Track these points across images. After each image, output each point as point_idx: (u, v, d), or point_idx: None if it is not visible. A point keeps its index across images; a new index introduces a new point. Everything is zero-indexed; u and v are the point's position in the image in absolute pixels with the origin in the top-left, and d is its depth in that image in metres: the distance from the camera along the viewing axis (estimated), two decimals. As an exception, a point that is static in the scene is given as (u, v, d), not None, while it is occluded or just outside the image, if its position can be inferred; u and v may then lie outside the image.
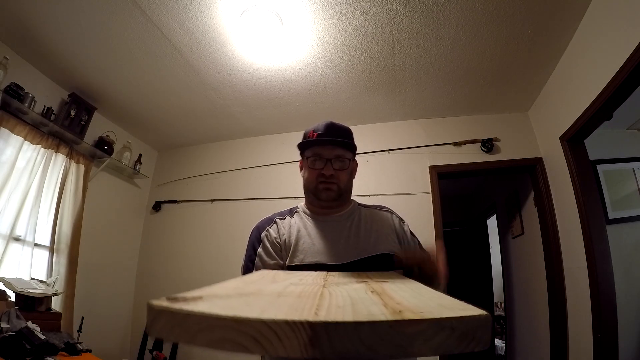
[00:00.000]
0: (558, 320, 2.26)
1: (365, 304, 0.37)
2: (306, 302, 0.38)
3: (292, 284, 0.57)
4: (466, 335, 0.30)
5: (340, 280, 0.64)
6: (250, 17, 1.87)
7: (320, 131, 1.02)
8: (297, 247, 0.96)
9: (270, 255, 0.96)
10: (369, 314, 0.31)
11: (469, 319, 0.30)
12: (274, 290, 0.49)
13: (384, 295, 0.44)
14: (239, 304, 0.35)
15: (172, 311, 0.32)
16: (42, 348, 1.58)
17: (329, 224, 1.02)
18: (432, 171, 2.78)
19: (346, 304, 0.37)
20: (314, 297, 0.41)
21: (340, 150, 1.01)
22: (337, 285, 0.54)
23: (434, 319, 0.30)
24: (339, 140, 1.01)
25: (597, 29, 1.81)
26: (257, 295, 0.43)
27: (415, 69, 2.34)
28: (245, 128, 3.21)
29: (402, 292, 0.47)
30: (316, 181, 1.01)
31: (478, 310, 0.32)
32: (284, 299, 0.40)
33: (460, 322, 0.30)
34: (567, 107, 2.15)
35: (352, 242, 0.97)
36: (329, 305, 0.35)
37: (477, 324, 0.31)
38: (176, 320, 0.32)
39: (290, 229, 1.01)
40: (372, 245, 0.97)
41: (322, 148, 1.00)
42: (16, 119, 2.20)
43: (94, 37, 2.11)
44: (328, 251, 0.95)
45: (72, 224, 2.53)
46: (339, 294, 0.45)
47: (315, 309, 0.33)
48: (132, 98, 2.76)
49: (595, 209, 2.03)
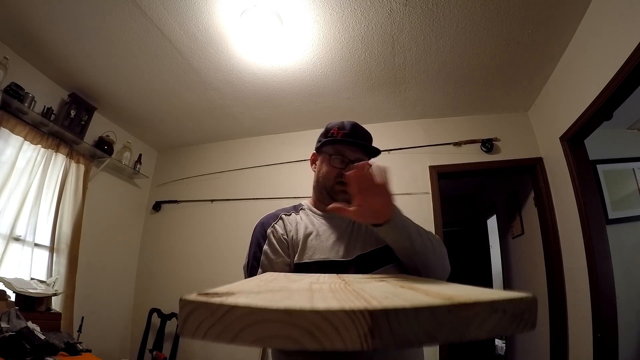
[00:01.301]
0: (558, 320, 2.26)
1: (408, 294, 0.36)
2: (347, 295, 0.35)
3: (312, 282, 0.53)
4: (516, 316, 0.31)
5: (359, 280, 0.61)
6: (250, 17, 1.87)
7: (347, 130, 0.99)
8: (305, 244, 0.94)
9: (276, 252, 0.93)
10: (422, 300, 0.30)
11: (519, 301, 0.31)
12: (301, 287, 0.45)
13: (417, 289, 0.42)
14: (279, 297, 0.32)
15: (213, 305, 0.28)
16: (42, 348, 1.58)
17: (334, 220, 1.01)
18: (432, 171, 2.78)
19: (391, 295, 0.34)
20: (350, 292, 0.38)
21: (361, 154, 0.99)
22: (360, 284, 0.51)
23: (489, 301, 0.30)
24: (365, 144, 0.99)
25: (597, 29, 1.81)
26: (288, 291, 0.40)
27: (415, 69, 2.34)
28: (245, 128, 3.21)
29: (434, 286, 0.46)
30: (334, 180, 0.98)
31: (526, 293, 0.32)
32: (320, 294, 0.36)
33: (510, 303, 0.31)
34: (567, 107, 2.15)
35: (354, 237, 0.97)
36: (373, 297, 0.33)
37: (526, 305, 0.32)
38: (216, 316, 0.28)
39: (297, 225, 0.98)
40: (375, 239, 0.95)
41: (346, 148, 0.98)
42: (16, 119, 2.20)
43: (94, 37, 2.11)
44: (335, 247, 0.94)
45: (72, 224, 2.53)
46: (372, 289, 0.43)
47: (363, 300, 0.31)
48: (132, 98, 2.76)
49: (595, 209, 2.03)
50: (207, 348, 2.75)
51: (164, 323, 2.80)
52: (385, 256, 0.92)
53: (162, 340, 2.78)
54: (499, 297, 0.31)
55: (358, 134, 1.00)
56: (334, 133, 0.99)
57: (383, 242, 0.92)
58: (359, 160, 0.97)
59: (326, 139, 1.00)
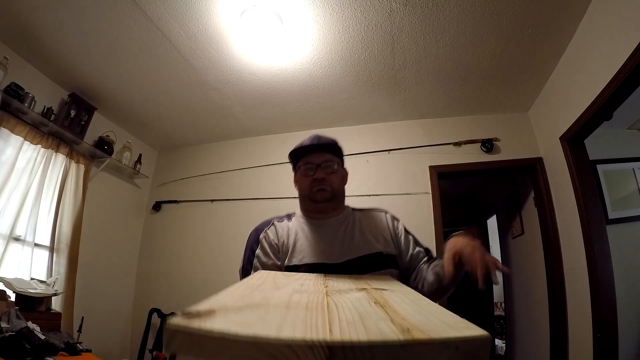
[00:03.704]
0: (558, 320, 2.26)
1: (373, 319, 0.39)
2: (317, 316, 0.39)
3: (295, 290, 0.58)
4: (469, 354, 0.32)
5: (341, 287, 0.65)
6: (250, 17, 1.87)
7: (307, 143, 1.08)
8: (295, 248, 0.99)
9: (268, 256, 0.99)
10: (380, 332, 0.33)
11: (473, 340, 0.33)
12: (281, 300, 0.50)
13: (387, 308, 0.45)
14: (253, 319, 0.36)
15: (190, 331, 0.33)
16: (42, 348, 1.58)
17: (325, 227, 1.05)
18: (432, 171, 2.78)
19: (355, 320, 0.38)
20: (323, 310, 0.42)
21: (329, 156, 1.07)
22: (339, 294, 0.55)
23: (442, 340, 0.32)
24: (325, 144, 1.07)
25: (597, 29, 1.81)
26: (266, 306, 0.44)
27: (415, 69, 2.34)
28: (245, 128, 3.21)
29: (404, 305, 0.49)
30: (310, 186, 1.05)
31: (480, 330, 0.34)
32: (294, 312, 0.41)
33: (464, 342, 0.32)
34: (567, 107, 2.15)
35: (347, 243, 1.00)
36: (339, 320, 0.37)
37: (479, 344, 0.33)
38: (194, 340, 0.32)
39: (289, 231, 1.04)
40: (367, 245, 0.99)
41: (311, 156, 1.06)
42: (16, 119, 2.19)
43: (94, 37, 2.11)
44: (325, 251, 0.98)
45: (72, 224, 2.53)
46: (345, 305, 0.47)
47: (328, 324, 0.34)
48: (132, 98, 2.76)
49: (595, 209, 2.03)
50: None
51: (164, 323, 2.80)
52: (373, 263, 0.96)
53: (162, 340, 2.78)
54: (453, 335, 0.33)
55: (321, 141, 1.08)
56: (297, 147, 1.09)
57: (374, 249, 0.98)
58: (326, 163, 1.05)
59: (292, 153, 1.10)
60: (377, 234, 1.03)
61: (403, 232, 1.07)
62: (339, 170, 1.08)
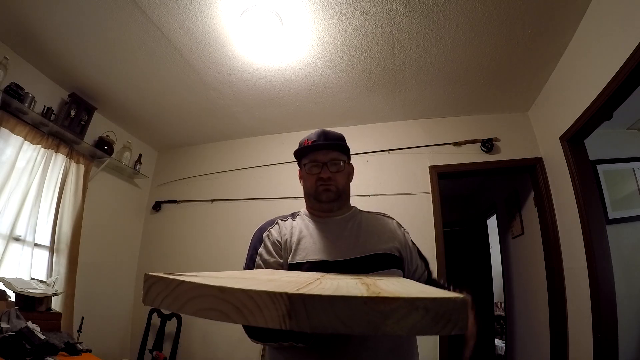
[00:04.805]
0: (558, 320, 2.26)
1: (349, 288, 0.38)
2: (293, 285, 0.39)
3: (287, 276, 0.59)
4: (441, 316, 0.30)
5: (336, 276, 0.65)
6: (250, 17, 1.87)
7: (314, 139, 1.06)
8: (298, 246, 0.98)
9: (270, 253, 0.98)
10: (347, 292, 0.32)
11: (443, 301, 0.31)
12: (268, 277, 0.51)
13: (371, 285, 0.45)
14: (228, 282, 0.38)
15: (166, 280, 0.35)
16: (42, 348, 1.58)
17: (330, 225, 1.04)
18: (432, 171, 2.78)
19: (330, 287, 0.38)
20: (302, 283, 0.43)
21: (335, 154, 1.05)
22: (330, 279, 0.55)
23: (408, 298, 0.30)
24: (331, 142, 1.05)
25: (597, 29, 1.81)
26: (249, 279, 0.45)
27: (415, 69, 2.34)
28: (245, 128, 3.21)
29: (390, 283, 0.48)
30: (315, 185, 1.04)
31: (455, 294, 0.32)
32: (272, 283, 0.42)
33: (434, 302, 0.30)
34: (567, 107, 2.15)
35: (352, 241, 0.99)
36: (312, 288, 0.37)
37: (453, 306, 0.30)
38: (169, 289, 0.34)
39: (292, 229, 1.04)
40: (373, 245, 0.99)
41: (317, 153, 1.05)
42: (16, 119, 2.20)
43: (94, 37, 2.11)
44: (329, 249, 0.97)
45: (72, 224, 2.53)
46: (329, 282, 0.47)
47: (298, 288, 0.35)
48: (132, 98, 2.76)
49: (595, 209, 2.03)
50: (207, 348, 2.76)
51: (164, 323, 2.80)
52: (378, 262, 0.95)
53: (162, 340, 2.78)
54: (421, 295, 0.31)
55: (325, 138, 1.06)
56: (304, 144, 1.06)
57: (380, 249, 0.97)
58: (332, 161, 1.04)
59: (298, 151, 1.07)
60: (383, 236, 1.03)
61: (410, 241, 1.08)
62: (345, 168, 1.07)
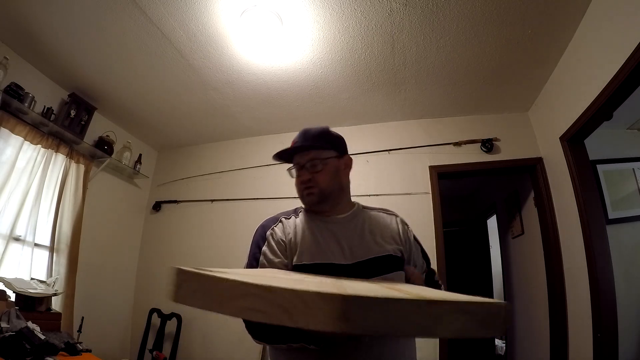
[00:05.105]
0: (558, 320, 2.26)
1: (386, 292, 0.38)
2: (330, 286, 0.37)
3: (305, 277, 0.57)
4: (486, 320, 0.31)
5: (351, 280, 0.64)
6: (250, 17, 1.87)
7: (296, 139, 1.03)
8: (303, 247, 0.95)
9: (275, 253, 0.95)
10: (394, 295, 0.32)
11: (490, 306, 0.32)
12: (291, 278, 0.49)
13: (400, 289, 0.44)
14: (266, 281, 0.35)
15: (204, 276, 0.31)
16: (42, 348, 1.58)
17: (334, 224, 1.01)
18: (432, 171, 2.78)
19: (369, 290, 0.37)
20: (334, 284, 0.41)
21: (313, 153, 1.01)
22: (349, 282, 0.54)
23: (457, 302, 0.31)
24: (304, 145, 1.01)
25: (597, 29, 1.81)
26: (276, 279, 0.42)
27: (415, 69, 2.34)
28: (245, 128, 3.21)
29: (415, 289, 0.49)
30: (300, 189, 1.02)
31: (497, 300, 0.33)
32: (306, 283, 0.39)
33: (481, 307, 0.32)
34: (567, 107, 2.15)
35: (357, 243, 0.96)
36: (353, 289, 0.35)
37: (497, 310, 0.32)
38: (207, 286, 0.31)
39: (296, 228, 1.00)
40: (378, 246, 0.96)
41: (298, 156, 1.02)
42: (16, 119, 2.19)
43: (94, 37, 2.11)
44: (335, 251, 0.94)
45: (72, 224, 2.53)
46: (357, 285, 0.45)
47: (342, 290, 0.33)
48: (132, 98, 2.76)
49: (595, 209, 2.03)
50: (207, 348, 2.75)
51: (164, 323, 2.80)
52: (383, 265, 0.93)
53: (162, 340, 2.78)
54: (469, 299, 0.32)
55: (304, 138, 1.04)
56: (281, 150, 1.04)
57: (384, 251, 0.95)
58: (311, 161, 1.01)
59: (277, 155, 1.05)
60: (387, 236, 1.00)
61: (413, 239, 1.05)
62: (329, 165, 1.01)
